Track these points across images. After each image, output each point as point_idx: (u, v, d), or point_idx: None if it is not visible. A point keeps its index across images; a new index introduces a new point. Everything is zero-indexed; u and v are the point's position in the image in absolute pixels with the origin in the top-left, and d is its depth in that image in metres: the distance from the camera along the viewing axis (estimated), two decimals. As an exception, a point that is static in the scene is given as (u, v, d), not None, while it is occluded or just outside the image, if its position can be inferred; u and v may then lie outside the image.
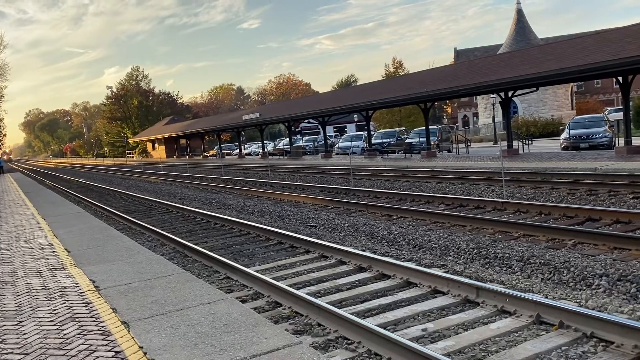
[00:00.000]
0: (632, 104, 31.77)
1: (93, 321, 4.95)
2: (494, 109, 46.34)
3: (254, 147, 61.02)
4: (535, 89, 24.77)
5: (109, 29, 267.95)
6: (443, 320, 5.59)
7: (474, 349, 4.85)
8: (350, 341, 5.12)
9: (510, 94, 24.59)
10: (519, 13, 56.11)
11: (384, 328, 5.21)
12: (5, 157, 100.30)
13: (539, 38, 55.61)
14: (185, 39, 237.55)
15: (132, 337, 4.46)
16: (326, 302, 5.96)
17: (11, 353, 4.31)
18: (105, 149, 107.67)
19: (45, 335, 4.66)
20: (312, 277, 7.60)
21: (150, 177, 35.12)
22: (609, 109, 49.18)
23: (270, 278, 7.19)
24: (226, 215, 13.88)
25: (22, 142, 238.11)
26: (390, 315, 5.82)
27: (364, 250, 8.71)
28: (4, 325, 5.06)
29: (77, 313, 5.24)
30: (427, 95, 26.45)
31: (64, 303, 5.62)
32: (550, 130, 43.28)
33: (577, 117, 32.17)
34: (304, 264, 8.44)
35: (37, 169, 72.50)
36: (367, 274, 7.51)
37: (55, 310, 5.40)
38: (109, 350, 4.19)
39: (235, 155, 57.72)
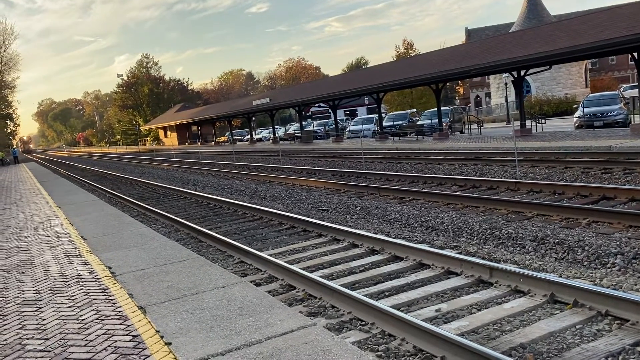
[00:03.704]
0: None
1: (110, 306, 5.03)
2: (506, 88, 45.85)
3: (265, 133, 61.04)
4: (548, 67, 24.43)
5: (118, 16, 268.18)
6: (456, 301, 5.60)
7: (488, 329, 4.86)
8: (364, 322, 5.15)
9: (522, 72, 24.30)
10: (531, -10, 55.16)
11: (398, 309, 5.23)
12: (22, 146, 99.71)
13: (551, 15, 54.72)
14: (194, 24, 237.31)
15: (149, 322, 4.53)
16: (339, 285, 5.99)
17: (32, 338, 4.40)
18: (118, 137, 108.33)
19: (64, 321, 4.74)
20: (325, 260, 7.64)
21: (163, 164, 35.33)
22: (624, 86, 48.39)
23: (284, 262, 7.25)
24: (239, 201, 13.95)
25: (36, 132, 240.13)
26: (404, 297, 5.84)
27: (376, 233, 8.73)
28: (24, 311, 5.16)
29: (94, 299, 5.32)
30: (438, 76, 26.21)
31: (82, 289, 5.71)
32: (564, 108, 42.78)
33: (591, 94, 31.72)
34: (316, 248, 8.48)
35: (51, 159, 73.23)
36: (380, 256, 7.53)
37: (73, 296, 5.49)
38: (127, 335, 4.26)
39: (247, 141, 57.84)
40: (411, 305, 5.61)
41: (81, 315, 4.85)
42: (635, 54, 19.23)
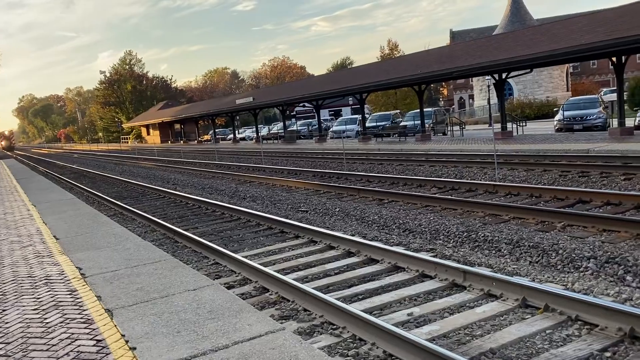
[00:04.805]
0: (627, 85, 31.76)
1: (76, 309, 4.92)
2: (489, 90, 46.17)
3: (249, 132, 60.77)
4: (529, 70, 24.65)
5: (102, 12, 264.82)
6: (429, 305, 5.58)
7: (459, 333, 4.85)
8: (335, 326, 5.11)
9: (504, 75, 24.48)
10: (514, -6, 55.73)
11: (370, 313, 5.21)
12: (2, 142, 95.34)
13: (534, 19, 55.31)
14: (179, 21, 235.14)
15: (115, 325, 4.43)
16: (313, 288, 5.95)
17: (-8, 342, 4.28)
18: (100, 134, 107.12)
19: (28, 324, 4.62)
20: (300, 262, 7.59)
21: (144, 162, 34.99)
22: (604, 89, 49.09)
23: (258, 264, 7.18)
24: (218, 201, 13.85)
25: (17, 128, 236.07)
26: (377, 300, 5.82)
27: (353, 235, 8.70)
28: (-13, 314, 5.02)
29: (61, 301, 5.20)
30: (421, 78, 26.31)
31: (49, 291, 5.58)
32: (545, 111, 43.32)
33: (571, 98, 32.16)
34: (293, 249, 8.43)
35: (32, 156, 72.14)
36: (356, 258, 7.50)
37: (39, 298, 5.36)
38: (91, 339, 4.16)
39: (230, 140, 57.53)
40: (384, 309, 5.58)
41: (46, 319, 4.73)
42: (614, 59, 19.48)
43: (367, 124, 35.47)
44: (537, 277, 6.24)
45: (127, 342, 4.07)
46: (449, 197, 11.41)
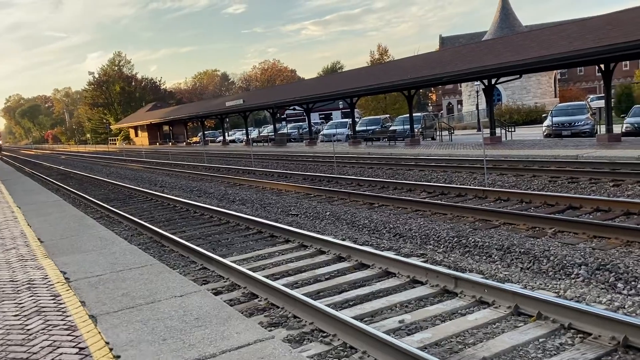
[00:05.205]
0: (613, 92, 32.07)
1: (59, 315, 4.78)
2: (477, 96, 46.42)
3: (238, 134, 60.57)
4: (518, 76, 24.77)
5: (91, 13, 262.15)
6: (421, 312, 5.51)
7: (451, 341, 4.77)
8: (325, 334, 5.01)
9: (493, 81, 24.57)
10: (504, 0, 56.14)
11: (361, 320, 5.12)
12: None
13: (523, 25, 55.77)
14: (170, 23, 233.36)
15: (99, 332, 4.30)
16: (303, 294, 5.85)
17: (-30, 350, 4.13)
18: (88, 135, 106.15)
19: (8, 331, 4.47)
20: (290, 267, 7.49)
21: (132, 164, 34.68)
22: (591, 96, 49.55)
23: (247, 269, 7.06)
24: (206, 204, 13.69)
25: (3, 129, 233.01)
26: (368, 307, 5.73)
27: (343, 240, 8.62)
28: (-33, 320, 4.86)
29: (43, 307, 5.05)
30: (410, 83, 26.32)
31: (31, 296, 5.43)
32: (533, 117, 43.61)
33: (559, 104, 32.38)
34: (283, 254, 8.32)
35: (17, 156, 71.32)
36: (346, 263, 7.42)
37: (21, 304, 5.21)
38: (74, 347, 4.03)
39: (219, 142, 57.27)
40: (375, 316, 5.50)
41: (27, 325, 4.58)
42: (602, 66, 19.62)
43: (357, 128, 35.45)
44: (528, 283, 6.19)
45: (111, 350, 3.95)
46: (439, 201, 11.38)
